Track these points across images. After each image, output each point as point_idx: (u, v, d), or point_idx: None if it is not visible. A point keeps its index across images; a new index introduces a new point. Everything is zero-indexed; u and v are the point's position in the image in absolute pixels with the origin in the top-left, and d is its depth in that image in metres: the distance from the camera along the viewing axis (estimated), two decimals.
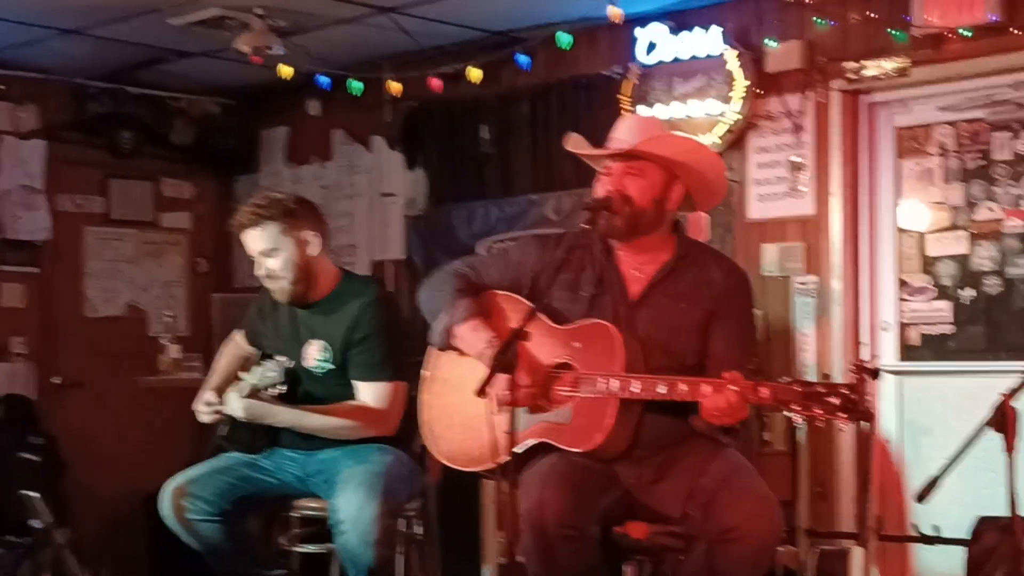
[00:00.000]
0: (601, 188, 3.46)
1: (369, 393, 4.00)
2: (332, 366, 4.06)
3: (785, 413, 3.10)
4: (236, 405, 4.00)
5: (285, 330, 4.17)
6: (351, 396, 4.04)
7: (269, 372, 4.01)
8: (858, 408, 3.02)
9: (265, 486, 4.10)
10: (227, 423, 4.11)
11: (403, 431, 4.00)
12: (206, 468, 4.09)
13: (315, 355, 4.07)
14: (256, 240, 4.04)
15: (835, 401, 3.02)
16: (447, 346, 3.54)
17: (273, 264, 4.04)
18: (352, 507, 3.79)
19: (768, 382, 3.14)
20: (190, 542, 4.02)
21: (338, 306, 4.07)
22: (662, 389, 3.23)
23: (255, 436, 4.10)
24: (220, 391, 4.15)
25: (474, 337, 3.45)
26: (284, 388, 4.00)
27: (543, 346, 3.40)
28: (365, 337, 3.98)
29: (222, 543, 4.00)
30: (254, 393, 4.00)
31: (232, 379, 4.21)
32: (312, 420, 4.04)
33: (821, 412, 3.04)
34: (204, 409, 4.14)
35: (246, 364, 4.26)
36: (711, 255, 3.64)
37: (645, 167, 3.43)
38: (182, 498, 3.97)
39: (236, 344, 4.38)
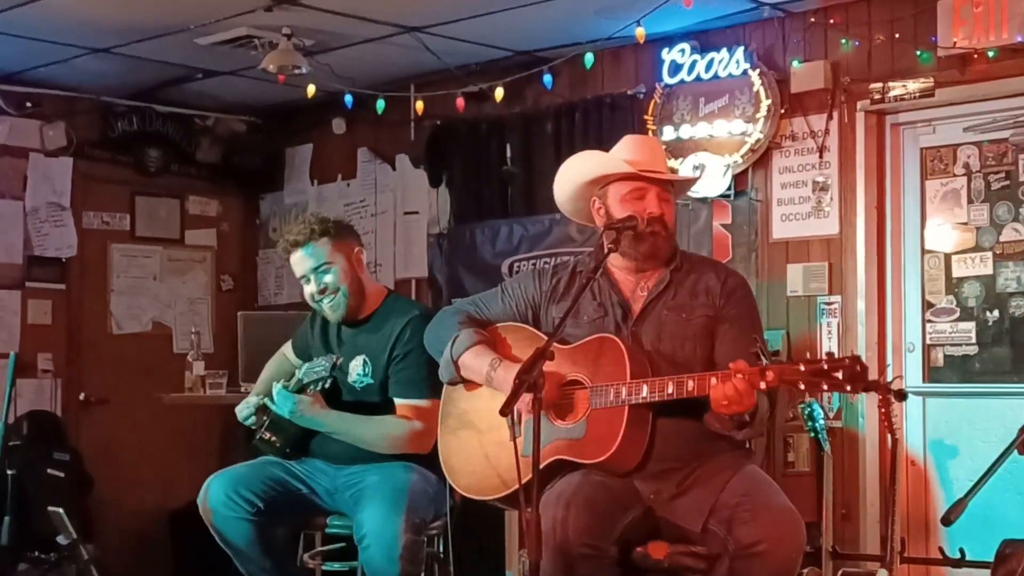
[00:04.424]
0: (641, 208, 3.43)
1: (408, 410, 4.02)
2: (371, 380, 4.09)
3: (796, 399, 3.09)
4: (284, 402, 4.02)
5: (334, 347, 4.20)
6: (386, 413, 4.06)
7: (316, 367, 4.04)
8: (863, 378, 3.01)
9: (297, 492, 4.12)
10: (264, 426, 4.14)
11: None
12: (245, 468, 4.13)
13: (356, 368, 4.11)
14: (307, 259, 4.09)
15: (839, 375, 3.02)
16: (456, 379, 3.57)
17: (329, 278, 4.08)
18: (376, 522, 3.81)
19: (773, 365, 3.14)
20: (222, 541, 4.04)
21: (383, 323, 4.11)
22: (670, 388, 3.24)
23: (289, 441, 4.13)
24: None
25: (478, 362, 3.49)
26: (328, 383, 4.01)
27: (552, 367, 3.41)
28: (406, 354, 4.01)
29: (252, 545, 4.01)
30: (301, 389, 4.03)
31: None
32: (354, 427, 4.05)
33: (828, 387, 3.04)
34: (245, 410, 4.18)
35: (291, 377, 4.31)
36: (706, 263, 3.68)
37: (670, 193, 3.49)
38: (222, 494, 3.99)
39: (284, 357, 4.42)
